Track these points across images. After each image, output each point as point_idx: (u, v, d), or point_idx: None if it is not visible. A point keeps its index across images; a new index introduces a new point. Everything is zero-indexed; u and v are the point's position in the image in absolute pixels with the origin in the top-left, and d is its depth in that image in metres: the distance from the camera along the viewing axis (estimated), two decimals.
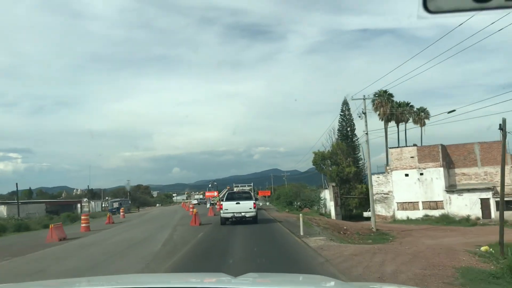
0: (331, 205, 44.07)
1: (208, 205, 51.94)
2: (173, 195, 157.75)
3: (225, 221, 23.52)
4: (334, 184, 44.42)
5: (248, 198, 24.88)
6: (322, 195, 51.35)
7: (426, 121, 73.42)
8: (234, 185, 64.15)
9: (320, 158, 57.22)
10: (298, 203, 51.53)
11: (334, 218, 41.01)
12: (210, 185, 58.72)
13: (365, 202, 55.56)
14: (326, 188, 51.62)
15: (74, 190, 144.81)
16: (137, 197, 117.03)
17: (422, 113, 73.02)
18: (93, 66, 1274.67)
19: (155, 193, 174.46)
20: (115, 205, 67.39)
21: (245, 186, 59.94)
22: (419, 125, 74.80)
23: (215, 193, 58.13)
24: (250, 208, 23.34)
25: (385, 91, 60.59)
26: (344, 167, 54.41)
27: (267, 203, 66.04)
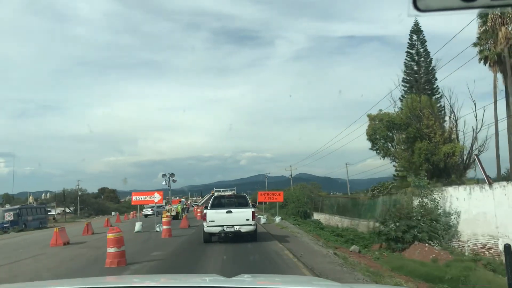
0: None
1: (136, 227, 23.41)
2: None
3: (210, 237, 16.55)
4: None
5: (244, 204, 17.25)
6: (446, 204, 21.08)
7: None
8: (215, 189, 53.09)
9: (383, 126, 29.51)
10: (394, 228, 19.14)
11: None
12: (164, 182, 29.87)
13: None
14: (449, 185, 22.21)
15: (43, 194, 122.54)
16: (91, 202, 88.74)
17: None
18: (79, 70, 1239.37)
19: (127, 198, 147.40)
20: (8, 216, 38.81)
21: (227, 190, 47.93)
22: None
23: (157, 195, 26.25)
24: (247, 220, 16.03)
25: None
26: (438, 141, 26.83)
27: (276, 218, 31.90)
